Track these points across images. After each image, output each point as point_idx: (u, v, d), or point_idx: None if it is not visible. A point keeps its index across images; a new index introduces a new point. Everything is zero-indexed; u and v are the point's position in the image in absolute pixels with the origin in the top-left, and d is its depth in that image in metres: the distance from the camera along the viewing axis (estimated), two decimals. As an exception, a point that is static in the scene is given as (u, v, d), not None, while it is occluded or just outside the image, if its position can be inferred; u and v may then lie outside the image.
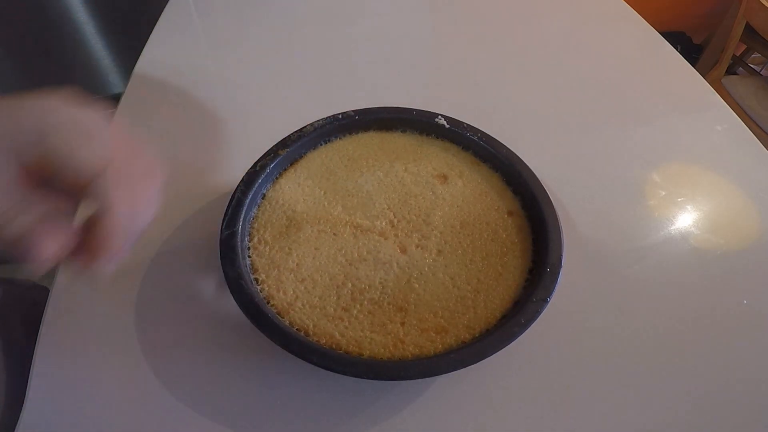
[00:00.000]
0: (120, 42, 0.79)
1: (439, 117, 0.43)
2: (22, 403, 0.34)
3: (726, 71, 1.49)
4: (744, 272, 0.43)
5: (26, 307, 0.41)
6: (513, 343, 0.32)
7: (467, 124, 0.43)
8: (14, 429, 0.33)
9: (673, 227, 0.46)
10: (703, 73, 0.71)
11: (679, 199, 0.48)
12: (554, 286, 0.34)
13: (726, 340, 0.39)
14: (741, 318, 0.40)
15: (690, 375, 0.37)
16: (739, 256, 0.44)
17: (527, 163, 0.41)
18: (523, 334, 0.32)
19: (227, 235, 0.35)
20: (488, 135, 0.42)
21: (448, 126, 0.43)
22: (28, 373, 0.35)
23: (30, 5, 0.70)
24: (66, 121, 0.23)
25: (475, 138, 0.42)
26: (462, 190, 0.40)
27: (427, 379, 0.35)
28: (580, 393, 0.36)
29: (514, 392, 0.36)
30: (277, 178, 0.40)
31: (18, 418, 0.33)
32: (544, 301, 0.33)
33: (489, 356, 0.31)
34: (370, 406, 0.35)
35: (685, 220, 0.46)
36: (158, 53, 0.59)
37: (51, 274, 0.39)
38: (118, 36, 0.78)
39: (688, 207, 0.48)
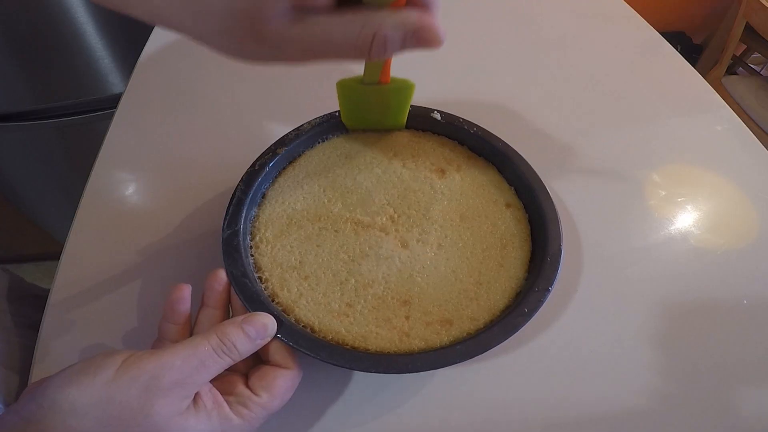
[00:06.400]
0: (120, 42, 0.79)
1: (435, 112, 0.43)
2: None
3: (726, 71, 1.49)
4: (744, 272, 0.43)
5: (26, 306, 0.42)
6: (514, 336, 0.32)
7: (463, 119, 0.43)
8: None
9: (673, 227, 0.45)
10: (703, 73, 0.71)
11: (679, 199, 0.48)
12: (555, 276, 0.34)
13: (726, 340, 0.39)
14: (741, 318, 0.40)
15: (690, 375, 0.37)
16: (739, 256, 0.44)
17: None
18: (523, 334, 0.32)
19: (229, 234, 0.36)
20: (484, 129, 0.42)
21: (443, 121, 0.43)
22: (29, 372, 0.35)
23: (30, 5, 0.71)
24: None
25: (471, 132, 0.42)
26: (460, 184, 0.40)
27: (431, 371, 0.35)
28: (580, 392, 0.36)
29: (517, 385, 0.36)
30: (276, 177, 0.41)
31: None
32: (547, 290, 0.33)
33: (494, 347, 0.31)
34: (374, 398, 0.35)
35: (685, 220, 0.46)
36: (158, 53, 0.59)
37: (51, 273, 0.39)
38: (118, 36, 0.79)
39: (688, 207, 0.47)
